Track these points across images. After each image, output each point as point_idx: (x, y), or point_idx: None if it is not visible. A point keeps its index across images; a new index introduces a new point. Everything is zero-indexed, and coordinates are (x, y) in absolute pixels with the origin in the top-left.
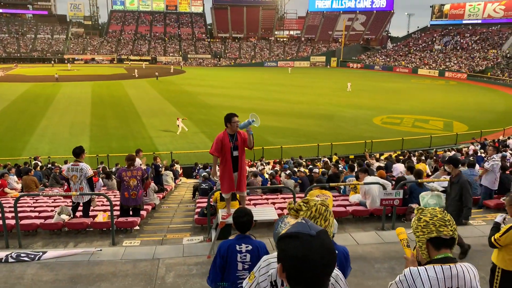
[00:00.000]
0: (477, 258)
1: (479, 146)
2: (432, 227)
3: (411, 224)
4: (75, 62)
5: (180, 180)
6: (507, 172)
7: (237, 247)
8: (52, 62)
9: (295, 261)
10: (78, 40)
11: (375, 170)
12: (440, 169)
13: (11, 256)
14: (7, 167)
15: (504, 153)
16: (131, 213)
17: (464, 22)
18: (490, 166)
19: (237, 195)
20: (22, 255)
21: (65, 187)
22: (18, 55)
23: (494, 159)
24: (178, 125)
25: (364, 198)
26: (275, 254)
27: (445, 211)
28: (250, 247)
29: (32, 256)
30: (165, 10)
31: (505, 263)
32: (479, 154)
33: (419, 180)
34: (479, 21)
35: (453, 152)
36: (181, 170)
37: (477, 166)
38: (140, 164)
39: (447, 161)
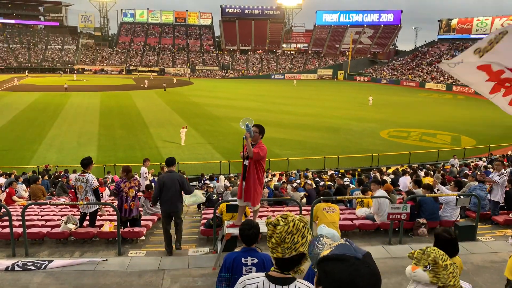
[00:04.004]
0: (486, 275)
1: (487, 161)
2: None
3: (438, 278)
4: (84, 72)
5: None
6: None
7: (243, 260)
8: (61, 72)
9: (341, 285)
10: (88, 51)
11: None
12: (450, 184)
13: (17, 265)
14: (13, 175)
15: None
16: (128, 224)
17: (472, 36)
18: (502, 181)
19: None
20: (29, 263)
21: (72, 196)
22: (29, 65)
23: (504, 173)
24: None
25: (377, 211)
26: (252, 275)
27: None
28: (256, 260)
29: (38, 265)
30: (174, 22)
31: None
32: (488, 169)
33: (427, 195)
34: None
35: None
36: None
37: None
38: (146, 173)
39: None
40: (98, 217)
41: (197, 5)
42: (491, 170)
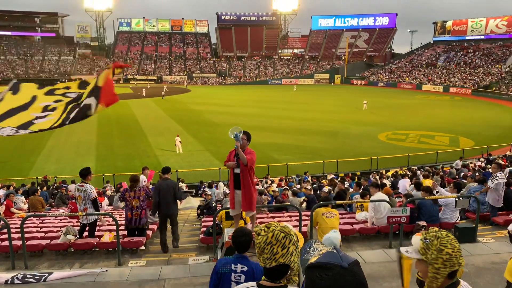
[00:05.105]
0: (487, 276)
1: (485, 161)
2: (455, 260)
3: (425, 253)
4: None
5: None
6: None
7: (233, 266)
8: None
9: None
10: (85, 61)
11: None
12: (449, 186)
13: (17, 278)
14: (12, 187)
15: (511, 168)
16: (136, 233)
17: (467, 38)
18: (494, 185)
19: (243, 214)
20: (28, 276)
21: (72, 206)
22: (26, 76)
23: (497, 177)
24: (176, 144)
25: (371, 213)
26: (243, 285)
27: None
28: (245, 268)
29: (38, 277)
30: (170, 30)
31: None
32: (487, 170)
33: (426, 197)
34: (482, 37)
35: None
36: (186, 189)
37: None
38: (145, 181)
39: None
40: (98, 227)
41: (193, 13)
42: (489, 171)
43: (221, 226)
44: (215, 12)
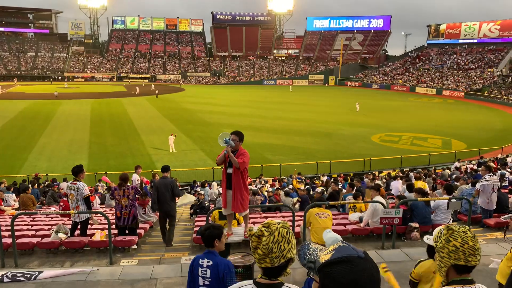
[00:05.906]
0: (478, 278)
1: (477, 164)
2: (461, 255)
3: (436, 240)
4: (75, 80)
5: (179, 198)
6: (505, 190)
7: (200, 261)
8: (51, 79)
9: (347, 286)
10: (78, 58)
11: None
12: (441, 188)
13: (6, 276)
14: (3, 185)
15: (502, 171)
16: (127, 231)
17: (460, 41)
18: (480, 186)
19: (236, 214)
20: (18, 274)
21: (64, 204)
22: (19, 72)
23: (485, 179)
24: (170, 143)
25: (370, 216)
26: (240, 284)
27: (475, 237)
28: (211, 263)
29: (28, 275)
30: (165, 29)
31: None
32: (478, 172)
33: (419, 199)
34: (475, 41)
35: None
36: (180, 188)
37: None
38: (138, 180)
39: None
40: (89, 226)
41: (188, 12)
42: (480, 173)
43: None
44: (210, 11)
